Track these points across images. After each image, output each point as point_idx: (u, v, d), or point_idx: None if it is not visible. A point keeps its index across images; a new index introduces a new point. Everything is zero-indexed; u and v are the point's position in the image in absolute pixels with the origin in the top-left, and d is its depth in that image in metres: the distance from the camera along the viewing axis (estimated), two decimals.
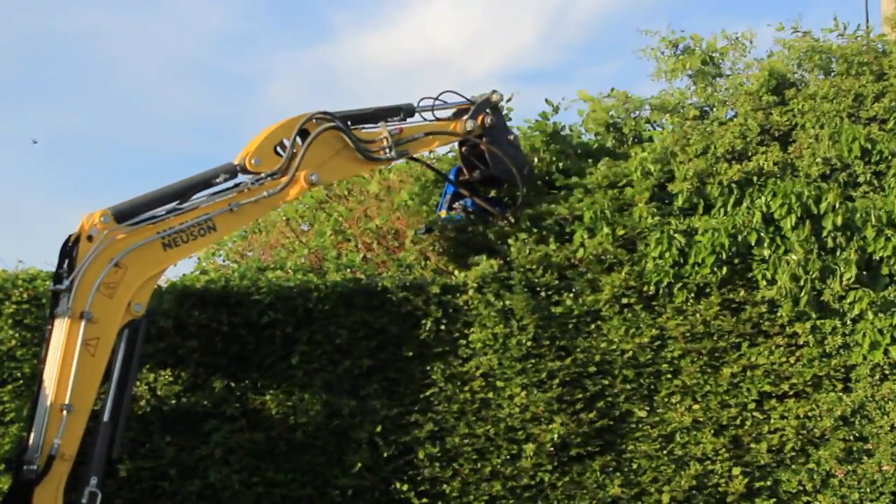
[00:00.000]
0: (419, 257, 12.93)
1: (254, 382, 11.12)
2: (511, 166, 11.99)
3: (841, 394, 11.79)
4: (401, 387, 11.41)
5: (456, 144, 12.37)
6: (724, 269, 11.76)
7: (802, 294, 11.64)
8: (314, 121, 10.08)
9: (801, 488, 11.66)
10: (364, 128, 10.78)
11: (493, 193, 12.83)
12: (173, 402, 10.95)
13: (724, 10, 36.86)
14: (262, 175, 9.57)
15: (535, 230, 12.35)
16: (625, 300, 11.86)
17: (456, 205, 12.39)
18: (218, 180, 9.38)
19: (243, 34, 43.67)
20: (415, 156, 11.95)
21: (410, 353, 11.44)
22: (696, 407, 11.71)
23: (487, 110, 11.88)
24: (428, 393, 11.40)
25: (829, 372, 11.79)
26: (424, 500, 11.22)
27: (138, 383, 10.83)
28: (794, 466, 11.72)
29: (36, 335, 10.74)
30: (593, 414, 11.52)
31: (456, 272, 12.09)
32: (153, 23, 39.31)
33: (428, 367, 11.46)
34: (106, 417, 8.57)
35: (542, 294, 11.79)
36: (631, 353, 11.73)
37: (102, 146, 37.34)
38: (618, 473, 11.57)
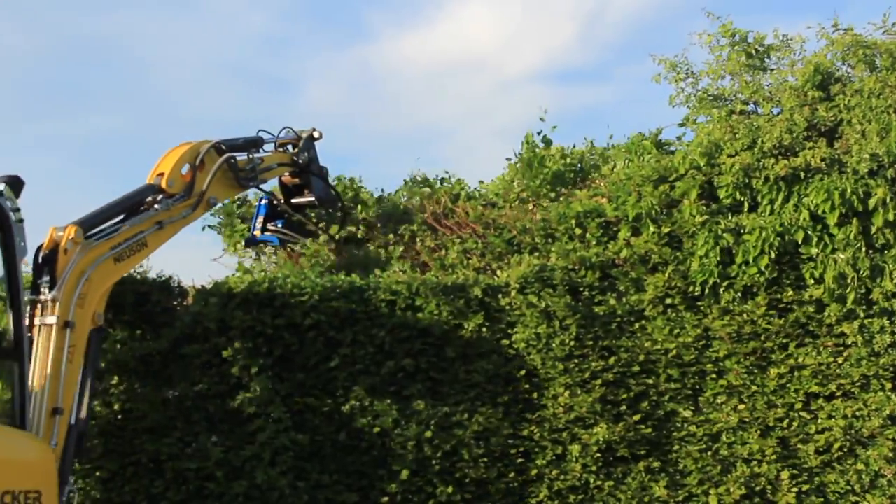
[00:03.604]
0: (461, 257, 12.91)
1: (298, 384, 11.13)
2: (332, 190, 13.59)
3: (889, 393, 11.67)
4: (444, 387, 11.39)
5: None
6: (772, 269, 11.64)
7: (850, 293, 11.53)
8: (211, 150, 10.80)
9: (849, 488, 11.57)
10: (238, 156, 11.49)
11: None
12: (218, 403, 10.97)
13: (760, 8, 36.51)
14: (178, 196, 10.19)
15: (578, 229, 12.29)
16: (669, 300, 11.78)
17: (269, 226, 13.11)
18: (149, 200, 9.90)
19: (281, 35, 43.73)
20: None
21: (453, 354, 11.40)
22: (741, 407, 11.63)
23: (310, 146, 12.95)
24: (472, 394, 11.37)
25: (878, 371, 11.66)
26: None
27: (183, 384, 10.89)
28: (841, 467, 11.61)
29: None
30: (638, 416, 11.46)
31: (498, 272, 12.03)
32: (191, 24, 39.45)
33: (471, 368, 11.42)
34: (72, 420, 8.72)
35: (585, 294, 11.72)
36: (675, 352, 11.67)
37: (140, 147, 37.55)
38: (663, 475, 11.52)
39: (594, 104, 41.28)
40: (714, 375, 11.74)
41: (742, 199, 12.15)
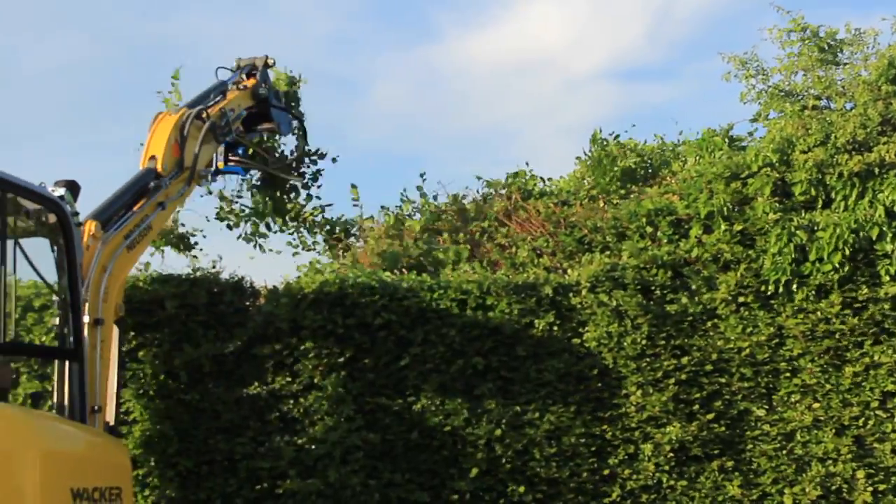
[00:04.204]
0: (531, 255, 12.90)
1: (369, 383, 11.17)
2: (294, 118, 13.17)
3: None
4: (515, 386, 11.39)
5: None
6: (846, 266, 11.51)
7: None
8: (195, 120, 10.44)
9: None
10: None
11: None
12: (291, 402, 11.05)
13: (832, 2, 36.06)
14: (173, 174, 10.01)
15: (649, 227, 12.24)
16: (741, 299, 11.69)
17: (232, 157, 12.44)
18: (151, 185, 9.73)
19: (348, 36, 43.76)
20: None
21: (524, 353, 11.39)
22: (816, 406, 11.51)
23: (267, 74, 12.46)
24: (543, 392, 11.35)
25: None
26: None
27: (256, 384, 10.98)
28: None
29: (157, 335, 10.96)
30: (711, 415, 11.39)
31: (569, 271, 12.01)
32: (258, 26, 39.61)
33: (542, 367, 11.41)
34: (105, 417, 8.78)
35: (657, 293, 11.67)
36: (748, 351, 11.58)
37: None
38: (736, 474, 11.43)
39: (662, 102, 41.05)
40: (788, 374, 11.63)
41: (815, 195, 12.03)
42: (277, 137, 13.36)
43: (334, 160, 13.85)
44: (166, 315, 10.92)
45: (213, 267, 11.46)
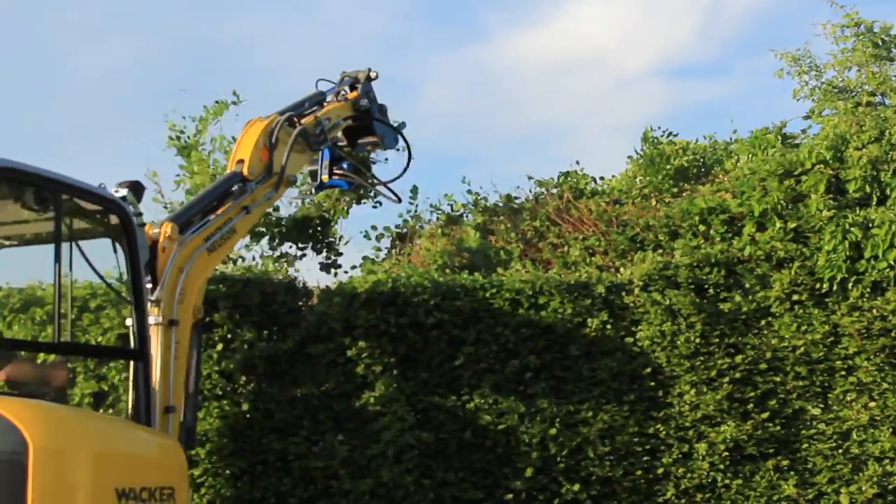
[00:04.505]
0: (583, 254, 12.88)
1: (422, 382, 11.20)
2: (396, 133, 12.39)
3: None
4: (568, 385, 11.37)
5: None
6: None
7: None
8: (285, 125, 10.39)
9: None
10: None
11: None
12: (344, 402, 11.09)
13: None
14: (259, 179, 9.93)
15: (702, 226, 12.20)
16: (795, 297, 11.62)
17: (336, 170, 12.10)
18: (235, 189, 9.71)
19: (397, 37, 43.85)
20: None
21: (577, 352, 11.38)
22: (872, 405, 11.41)
23: (368, 87, 12.04)
24: (597, 392, 11.34)
25: None
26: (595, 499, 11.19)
27: (309, 383, 11.04)
28: None
29: (210, 336, 11.03)
30: (766, 413, 11.32)
31: (621, 270, 11.98)
32: (308, 28, 39.78)
33: (595, 366, 11.39)
34: (181, 417, 8.82)
35: (710, 291, 11.62)
36: (803, 349, 11.50)
37: None
38: (792, 473, 11.36)
39: (714, 99, 40.82)
40: (843, 372, 11.53)
41: (870, 192, 11.94)
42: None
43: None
44: (219, 316, 11.00)
45: (267, 267, 11.53)
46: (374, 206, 13.60)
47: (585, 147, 41.72)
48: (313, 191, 12.11)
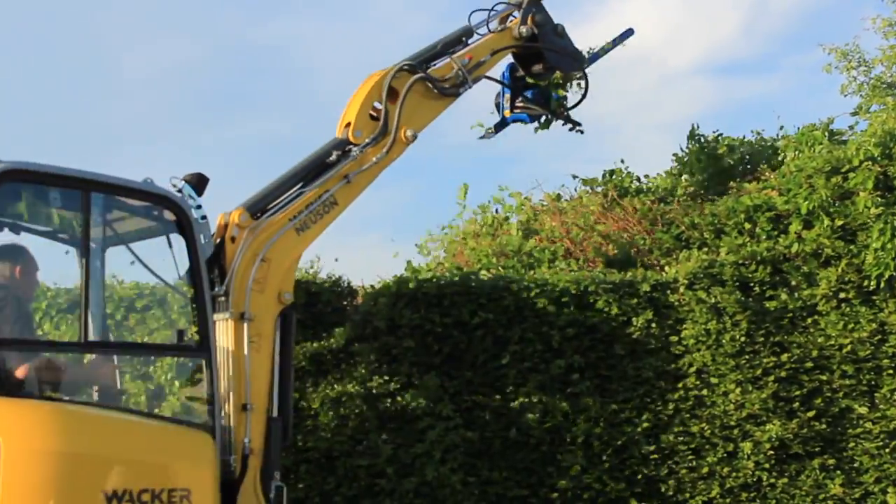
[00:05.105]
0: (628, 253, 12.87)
1: (467, 381, 11.22)
2: (569, 56, 11.33)
3: None
4: (613, 384, 11.36)
5: None
6: None
7: None
8: (400, 74, 9.60)
9: None
10: (434, 65, 10.17)
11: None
12: (388, 401, 11.13)
13: None
14: (367, 142, 9.22)
15: (748, 223, 12.14)
16: (842, 294, 11.54)
17: (518, 103, 11.46)
18: (331, 158, 9.08)
19: (439, 36, 43.84)
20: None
21: (622, 351, 11.37)
22: None
23: (533, 9, 11.00)
24: (641, 391, 11.32)
25: None
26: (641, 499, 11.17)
27: (354, 382, 11.07)
28: None
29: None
30: (811, 412, 11.26)
31: (666, 268, 11.95)
32: (352, 29, 39.79)
33: (640, 365, 11.37)
34: (275, 413, 8.61)
35: (756, 289, 11.56)
36: (849, 347, 11.43)
37: (307, 152, 38.11)
38: (838, 472, 11.30)
39: (760, 96, 40.37)
40: (891, 371, 11.45)
41: None
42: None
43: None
44: None
45: (311, 267, 11.58)
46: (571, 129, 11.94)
47: (630, 145, 41.44)
48: (488, 135, 11.33)
